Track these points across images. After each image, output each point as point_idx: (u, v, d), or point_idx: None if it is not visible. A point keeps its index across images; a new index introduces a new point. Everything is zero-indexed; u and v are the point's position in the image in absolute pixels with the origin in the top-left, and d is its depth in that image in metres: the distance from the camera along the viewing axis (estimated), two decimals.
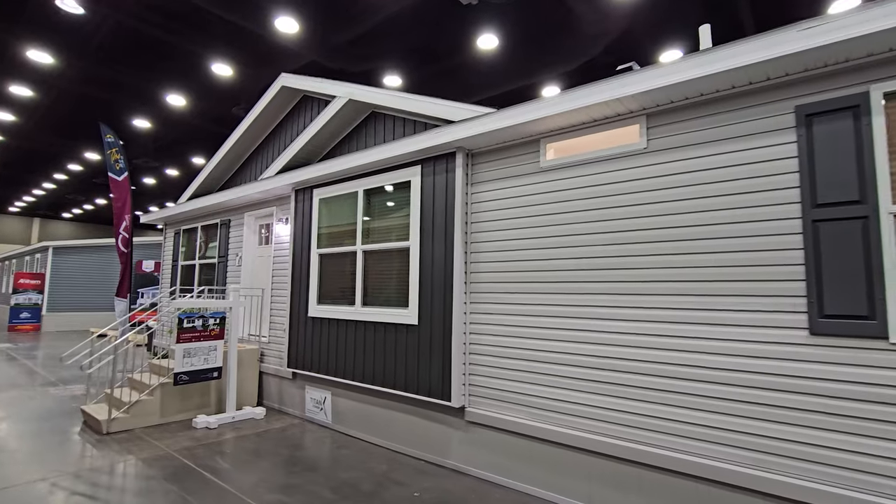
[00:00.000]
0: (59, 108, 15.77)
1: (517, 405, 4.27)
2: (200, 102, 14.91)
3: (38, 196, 30.78)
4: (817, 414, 2.89)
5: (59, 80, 13.56)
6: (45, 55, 12.12)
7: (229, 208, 8.34)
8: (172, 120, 16.35)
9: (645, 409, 3.54)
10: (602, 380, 3.78)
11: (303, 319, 6.32)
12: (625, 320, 3.69)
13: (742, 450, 3.12)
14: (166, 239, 10.46)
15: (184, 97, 14.46)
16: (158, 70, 12.91)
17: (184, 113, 15.77)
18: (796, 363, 2.98)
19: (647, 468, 3.51)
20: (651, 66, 3.43)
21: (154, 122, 16.93)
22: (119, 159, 9.54)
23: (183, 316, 5.93)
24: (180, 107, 15.19)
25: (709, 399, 3.27)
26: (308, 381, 6.36)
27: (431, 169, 5.00)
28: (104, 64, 12.66)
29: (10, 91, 14.54)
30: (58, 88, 14.11)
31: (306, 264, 6.37)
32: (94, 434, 5.56)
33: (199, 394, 6.41)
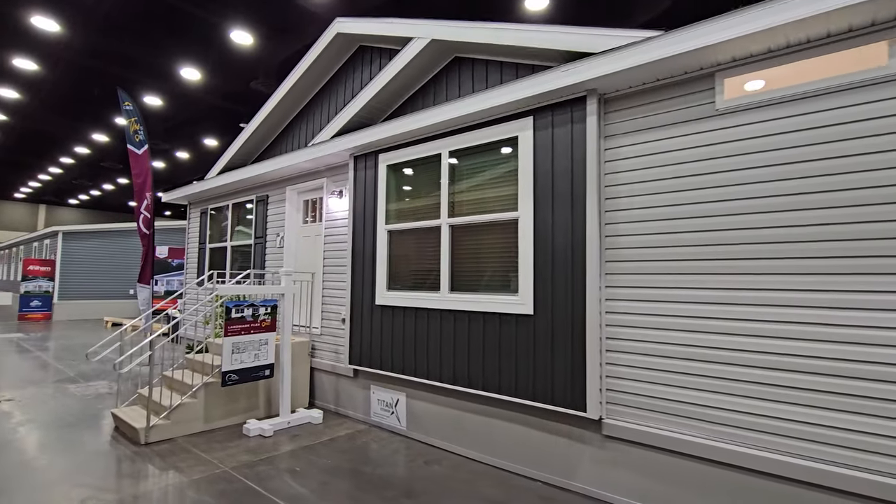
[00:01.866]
0: (65, 85, 14.72)
1: (674, 417, 3.32)
2: (216, 77, 13.85)
3: (44, 181, 29.87)
4: None
5: (66, 52, 12.50)
6: (50, 22, 11.08)
7: (267, 182, 7.36)
8: (186, 96, 15.30)
9: (851, 423, 2.58)
10: (797, 385, 2.83)
11: (367, 308, 5.37)
12: (818, 308, 2.71)
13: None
14: (191, 220, 9.50)
15: (199, 70, 13.42)
16: (171, 39, 11.84)
17: (198, 88, 14.71)
18: None
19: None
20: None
21: (166, 100, 15.88)
22: (139, 130, 8.54)
23: (231, 305, 4.99)
24: (195, 81, 14.15)
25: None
26: (374, 381, 5.43)
27: (549, 120, 3.98)
28: (112, 33, 11.60)
29: (14, 64, 13.51)
30: (64, 61, 13.05)
31: (371, 244, 5.40)
32: (131, 444, 4.67)
33: (246, 395, 5.50)
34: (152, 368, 4.82)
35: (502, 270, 4.27)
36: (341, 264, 5.96)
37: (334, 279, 6.07)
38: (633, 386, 3.52)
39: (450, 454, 4.57)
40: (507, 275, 4.22)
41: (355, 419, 5.61)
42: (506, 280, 4.24)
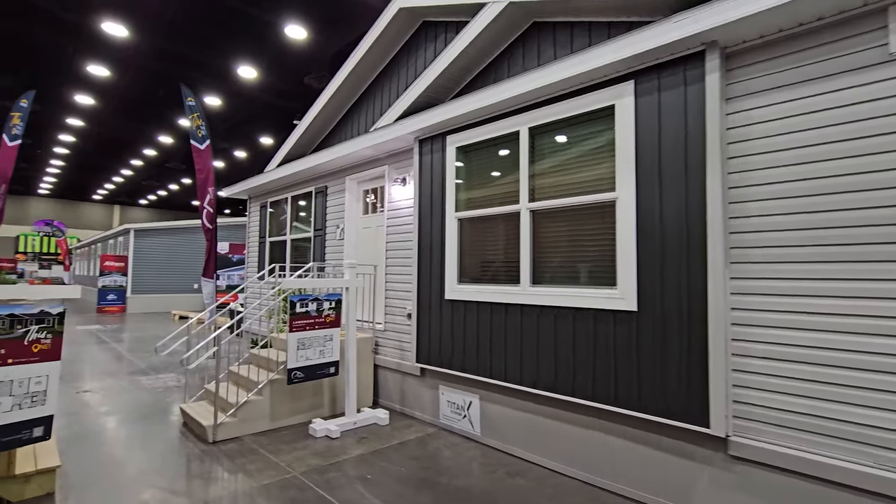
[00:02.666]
0: (134, 89, 15.39)
1: (821, 437, 2.69)
2: (271, 74, 14.01)
3: (118, 183, 31.94)
4: None
5: (134, 57, 13.00)
6: (119, 27, 11.49)
7: (326, 172, 7.15)
8: (243, 95, 15.63)
9: None
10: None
11: (436, 303, 4.99)
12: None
13: None
14: (251, 214, 9.53)
15: (255, 69, 13.61)
16: (230, 40, 12.03)
17: (254, 87, 14.97)
18: None
19: None
20: None
21: (224, 99, 16.29)
22: (201, 125, 8.62)
23: (295, 299, 4.75)
24: (251, 80, 14.38)
25: None
26: (444, 381, 5.05)
27: (654, 84, 3.40)
28: (176, 37, 11.93)
29: (89, 71, 14.20)
30: (132, 66, 13.60)
31: (439, 233, 5.00)
32: (199, 442, 4.54)
33: (311, 393, 5.28)
34: (219, 365, 4.67)
35: (595, 260, 3.74)
36: (406, 256, 5.61)
37: (398, 272, 5.73)
38: (769, 398, 2.91)
39: (532, 465, 4.11)
40: (602, 265, 3.69)
41: (423, 421, 5.27)
42: (600, 271, 3.71)
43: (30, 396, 3.02)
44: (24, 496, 3.33)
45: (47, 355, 3.10)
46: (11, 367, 2.93)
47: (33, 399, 3.03)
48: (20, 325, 2.97)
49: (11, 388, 2.93)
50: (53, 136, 21.00)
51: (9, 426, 2.91)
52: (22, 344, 2.98)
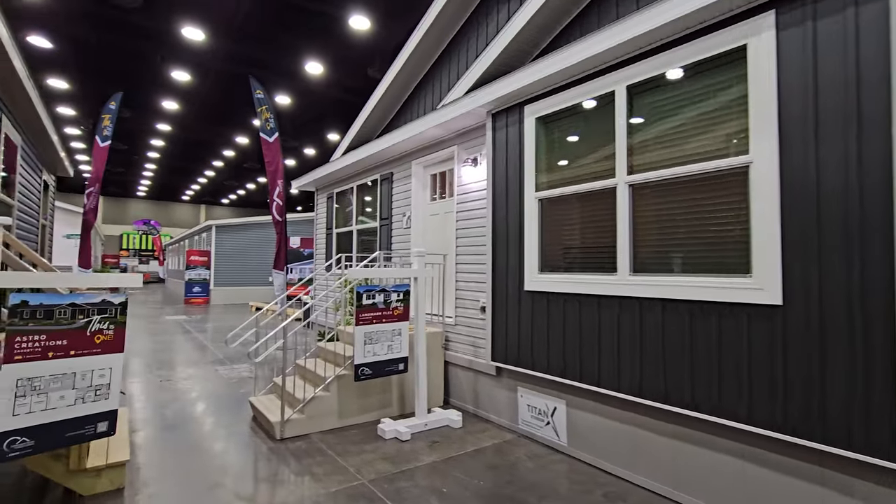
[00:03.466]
0: (213, 92, 16.15)
1: None
2: (337, 69, 14.07)
3: (202, 184, 34.31)
4: None
5: (211, 60, 13.58)
6: (197, 31, 11.97)
7: (391, 158, 6.82)
8: (311, 93, 15.90)
9: None
10: None
11: (513, 295, 4.45)
12: None
13: None
14: (318, 205, 9.50)
15: (321, 64, 13.72)
16: (297, 37, 12.18)
17: (321, 83, 15.14)
18: None
19: None
20: None
21: (293, 97, 16.67)
22: (269, 118, 8.65)
23: (361, 290, 4.42)
24: (318, 75, 14.53)
25: None
26: (523, 382, 4.51)
27: (807, 10, 2.62)
28: (248, 39, 12.29)
29: (173, 77, 15.04)
30: (210, 70, 14.23)
31: (516, 217, 4.45)
32: (267, 439, 4.35)
33: (379, 389, 4.96)
34: (285, 358, 4.45)
35: (718, 242, 3.02)
36: (478, 243, 5.12)
37: (470, 261, 5.26)
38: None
39: (634, 486, 3.47)
40: (728, 248, 2.96)
41: (499, 425, 4.77)
42: (725, 256, 2.98)
43: (93, 390, 2.87)
44: (94, 490, 3.24)
45: (110, 347, 2.95)
46: (74, 359, 2.79)
47: (97, 393, 2.89)
48: (82, 314, 2.83)
49: (75, 381, 2.79)
50: (146, 141, 22.77)
51: (72, 421, 2.78)
52: (84, 335, 2.84)
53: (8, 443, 2.53)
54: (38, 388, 2.64)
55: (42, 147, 6.98)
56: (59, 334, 2.73)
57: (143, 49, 12.92)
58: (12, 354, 2.56)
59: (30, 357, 2.61)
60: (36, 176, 6.79)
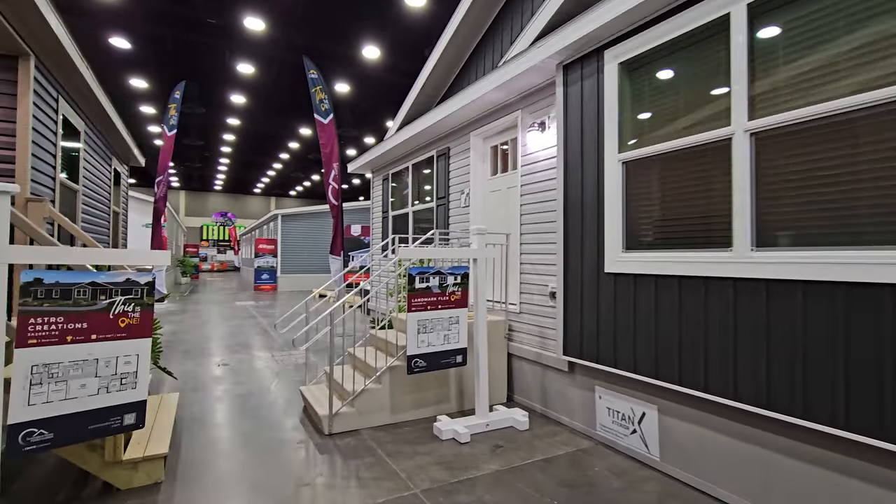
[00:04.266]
0: (277, 84, 16.44)
1: None
2: (394, 53, 13.73)
3: (271, 176, 35.81)
4: None
5: (273, 50, 13.71)
6: (258, 21, 12.05)
7: (447, 131, 6.27)
8: (370, 79, 15.71)
9: None
10: None
11: (590, 278, 3.76)
12: None
13: None
14: (374, 188, 9.18)
15: (378, 48, 13.43)
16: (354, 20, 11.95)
17: (378, 67, 14.88)
18: None
19: None
20: None
21: (353, 85, 16.60)
22: (324, 99, 8.40)
23: (414, 272, 3.93)
24: (375, 59, 14.26)
25: None
26: (602, 381, 3.83)
27: None
28: (307, 27, 12.24)
29: (239, 70, 15.40)
30: (272, 60, 14.40)
31: (593, 185, 3.74)
32: (315, 433, 4.02)
33: (436, 383, 4.48)
34: (332, 345, 4.08)
35: (893, 205, 2.18)
36: (546, 219, 4.45)
37: (536, 240, 4.61)
38: None
39: None
40: None
41: (572, 429, 4.12)
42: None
43: (118, 378, 2.60)
44: (131, 484, 3.02)
45: (136, 331, 2.66)
46: (96, 345, 2.51)
47: (122, 381, 2.61)
48: (104, 295, 2.54)
49: (97, 369, 2.52)
50: (218, 136, 23.89)
51: (96, 412, 2.51)
52: (107, 317, 2.55)
53: (23, 435, 2.29)
54: (55, 375, 2.39)
55: (111, 137, 7.15)
56: (79, 316, 2.46)
57: (211, 43, 13.26)
58: (26, 338, 2.30)
59: (45, 341, 2.35)
60: (104, 164, 6.96)
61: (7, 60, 3.90)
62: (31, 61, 3.96)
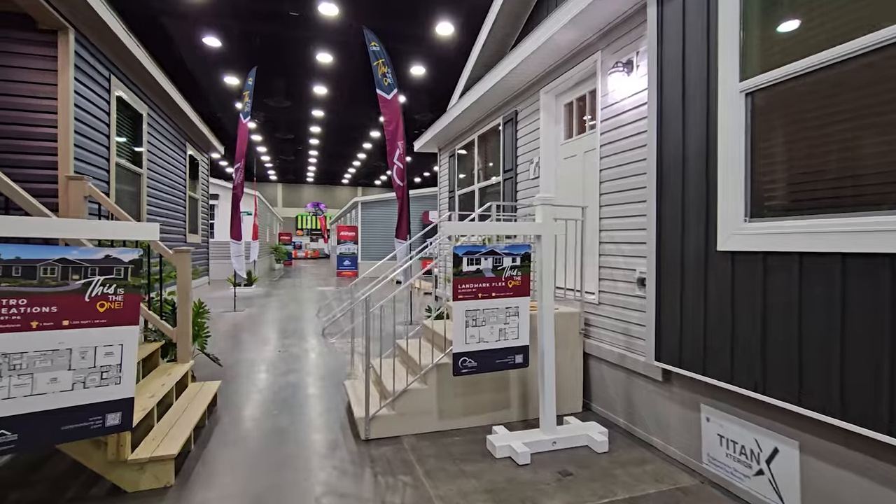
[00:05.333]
0: (355, 74, 16.49)
1: None
2: (466, 32, 12.98)
3: (356, 167, 36.94)
4: None
5: (347, 35, 13.60)
6: (331, 6, 11.95)
7: (514, 93, 5.41)
8: (444, 60, 15.14)
9: None
10: None
11: (694, 259, 2.78)
12: None
13: None
14: (441, 166, 8.57)
15: (451, 24, 12.74)
16: None
17: (450, 46, 14.22)
18: None
19: None
20: None
21: (428, 67, 16.13)
22: (387, 73, 7.91)
23: (461, 251, 3.22)
24: (447, 37, 13.59)
25: None
26: (710, 398, 2.84)
27: None
28: (380, 8, 11.91)
29: (318, 60, 15.60)
30: (349, 49, 14.34)
31: (699, 132, 2.73)
32: (352, 437, 3.51)
33: (493, 386, 3.76)
34: (368, 336, 3.52)
35: None
36: (633, 185, 3.49)
37: (620, 212, 3.66)
38: None
39: None
40: None
41: (666, 456, 3.17)
42: None
43: (98, 372, 2.22)
44: (138, 487, 2.70)
45: (119, 317, 2.26)
46: (69, 332, 2.14)
47: (103, 376, 2.23)
48: (77, 274, 2.16)
49: (71, 360, 2.15)
50: (306, 129, 24.89)
51: (71, 410, 2.15)
52: (82, 300, 2.18)
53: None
54: (18, 367, 2.04)
55: (183, 124, 7.27)
56: (46, 299, 2.10)
57: (289, 34, 13.46)
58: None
59: (5, 327, 2.01)
60: (177, 151, 7.09)
61: (47, 35, 3.80)
62: (69, 34, 3.84)
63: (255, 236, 16.76)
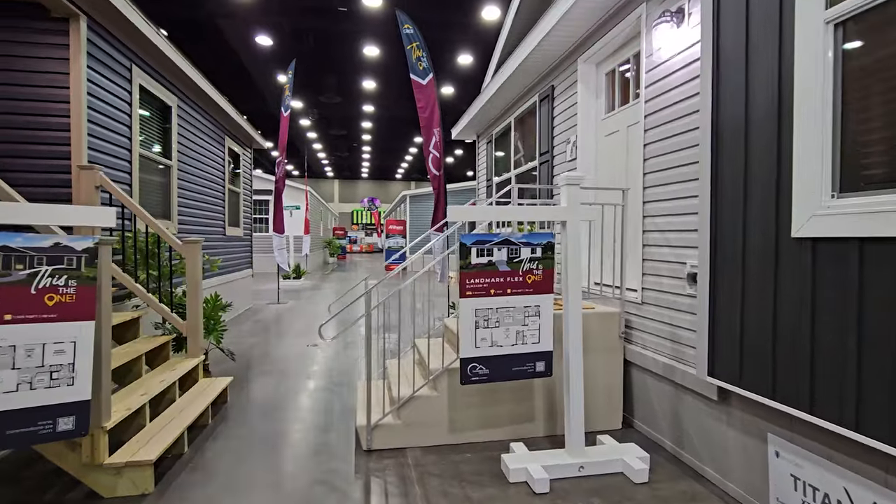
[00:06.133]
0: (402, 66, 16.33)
1: None
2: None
3: (408, 161, 37.10)
4: None
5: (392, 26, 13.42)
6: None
7: (550, 64, 4.84)
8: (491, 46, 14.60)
9: None
10: None
11: (761, 250, 2.16)
12: None
13: None
14: (479, 154, 8.09)
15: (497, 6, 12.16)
16: None
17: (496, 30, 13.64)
18: None
19: None
20: None
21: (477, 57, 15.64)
22: (421, 57, 7.51)
23: (468, 240, 2.77)
24: (493, 21, 13.00)
25: None
26: (780, 426, 2.21)
27: None
28: None
29: (365, 53, 15.56)
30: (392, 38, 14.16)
31: (770, 86, 2.10)
32: (356, 445, 3.19)
33: (513, 395, 3.29)
34: (369, 337, 3.17)
35: None
36: (683, 161, 2.87)
37: (667, 194, 3.04)
38: None
39: None
40: None
41: (720, 491, 2.56)
42: None
43: (47, 372, 2.01)
44: (115, 493, 2.52)
45: (70, 312, 2.05)
46: (12, 327, 1.94)
47: (52, 376, 2.02)
48: (21, 264, 1.96)
49: (15, 359, 1.95)
50: (358, 125, 25.16)
51: (15, 414, 1.95)
52: (27, 293, 1.97)
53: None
54: None
55: (220, 117, 7.30)
56: None
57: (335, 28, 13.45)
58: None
59: None
60: (213, 144, 7.13)
61: (60, 24, 3.75)
62: (81, 21, 3.77)
63: (307, 230, 17.10)
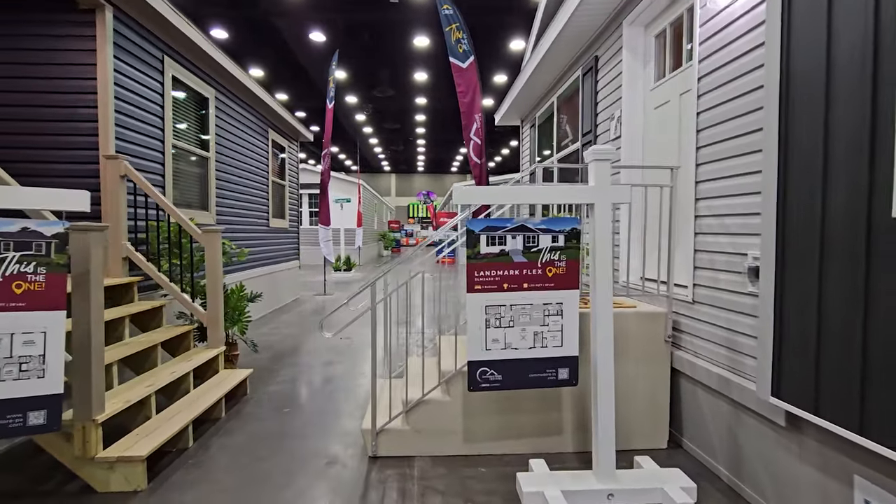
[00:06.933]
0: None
1: None
2: None
3: (463, 154, 36.76)
4: None
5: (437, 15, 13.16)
6: None
7: (593, 32, 4.32)
8: None
9: None
10: None
11: (845, 237, 1.63)
12: None
13: None
14: (523, 140, 7.62)
15: None
16: None
17: None
18: None
19: None
20: None
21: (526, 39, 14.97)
22: (461, 38, 7.15)
23: (477, 226, 2.42)
24: None
25: None
26: (872, 469, 1.68)
27: None
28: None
29: (416, 44, 15.40)
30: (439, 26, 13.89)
31: (862, 22, 1.56)
32: (360, 452, 2.95)
33: (537, 404, 2.90)
34: (374, 330, 2.91)
35: None
36: (742, 129, 2.33)
37: (724, 171, 2.50)
38: None
39: None
40: None
41: None
42: None
43: (15, 363, 1.92)
44: (108, 487, 2.45)
45: (40, 300, 1.94)
46: None
47: (21, 368, 1.92)
48: None
49: None
50: (412, 119, 25.18)
51: None
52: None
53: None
54: None
55: (262, 110, 7.37)
56: None
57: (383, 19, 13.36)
58: None
59: None
60: (256, 136, 7.21)
61: (87, 15, 3.80)
62: (106, 12, 3.79)
63: (360, 223, 17.32)
